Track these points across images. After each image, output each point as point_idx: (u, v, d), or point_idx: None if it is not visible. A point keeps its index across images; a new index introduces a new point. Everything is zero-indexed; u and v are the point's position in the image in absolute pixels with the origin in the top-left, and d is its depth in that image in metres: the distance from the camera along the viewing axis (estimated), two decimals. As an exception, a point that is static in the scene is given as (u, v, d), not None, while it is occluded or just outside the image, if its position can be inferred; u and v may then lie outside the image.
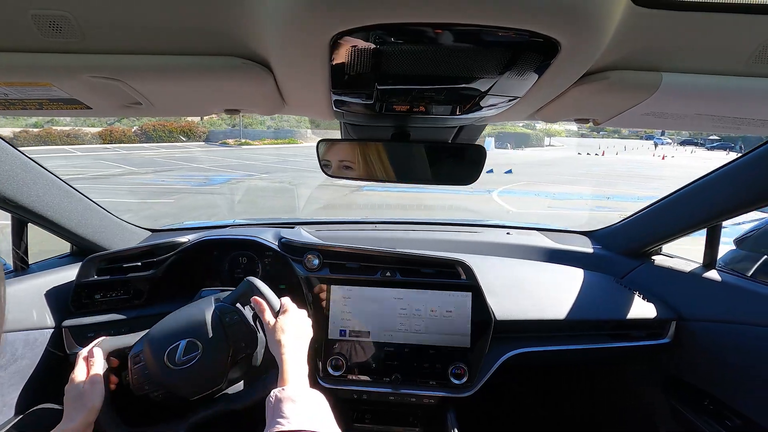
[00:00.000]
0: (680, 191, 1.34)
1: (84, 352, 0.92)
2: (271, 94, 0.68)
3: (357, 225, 1.84)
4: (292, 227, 1.58)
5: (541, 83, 0.57)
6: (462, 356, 1.22)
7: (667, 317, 1.31)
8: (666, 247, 1.53)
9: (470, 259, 1.29)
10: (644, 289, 1.41)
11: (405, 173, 1.01)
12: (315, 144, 1.00)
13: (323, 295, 1.27)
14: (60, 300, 1.23)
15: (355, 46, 0.47)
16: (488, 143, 26.34)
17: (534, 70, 0.52)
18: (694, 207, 1.30)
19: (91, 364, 0.89)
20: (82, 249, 1.40)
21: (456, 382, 1.20)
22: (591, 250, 1.64)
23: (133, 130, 24.42)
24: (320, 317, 1.26)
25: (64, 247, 1.43)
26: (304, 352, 0.87)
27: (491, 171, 13.40)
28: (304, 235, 1.47)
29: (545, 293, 1.36)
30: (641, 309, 1.33)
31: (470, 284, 1.26)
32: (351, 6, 0.40)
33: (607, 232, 1.72)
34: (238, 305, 0.95)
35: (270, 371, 0.93)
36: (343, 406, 1.30)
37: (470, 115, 0.78)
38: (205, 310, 0.92)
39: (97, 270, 1.27)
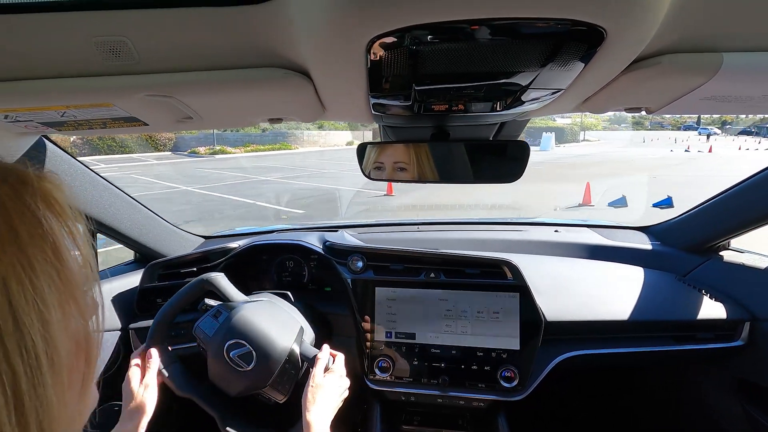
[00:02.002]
0: (751, 179, 1.23)
1: (137, 353, 0.98)
2: (311, 101, 0.70)
3: (400, 227, 1.84)
4: (336, 231, 1.61)
5: (587, 73, 0.54)
6: (511, 359, 1.19)
7: (740, 317, 1.21)
8: (734, 242, 1.41)
9: (517, 259, 1.25)
10: (711, 287, 1.31)
11: (447, 173, 1.00)
12: (315, 150, 1.01)
13: (368, 297, 1.28)
14: (126, 303, 1.33)
15: (391, 49, 0.47)
16: (547, 140, 23.39)
17: (578, 60, 0.50)
18: (768, 196, 1.19)
19: (147, 366, 0.95)
20: (144, 256, 1.51)
21: (506, 385, 1.17)
22: (649, 247, 1.54)
23: (71, 140, 17.14)
24: (366, 319, 1.27)
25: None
26: (332, 415, 0.91)
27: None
28: (348, 238, 1.49)
29: (599, 293, 1.30)
30: (708, 309, 1.23)
31: (517, 284, 1.22)
32: (386, 9, 0.40)
33: (666, 227, 1.61)
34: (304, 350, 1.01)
35: (296, 423, 0.97)
36: (391, 408, 1.31)
37: (511, 111, 0.76)
38: (282, 343, 0.98)
39: (158, 276, 1.36)
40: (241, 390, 0.98)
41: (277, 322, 1.03)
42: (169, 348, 1.04)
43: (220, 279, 1.05)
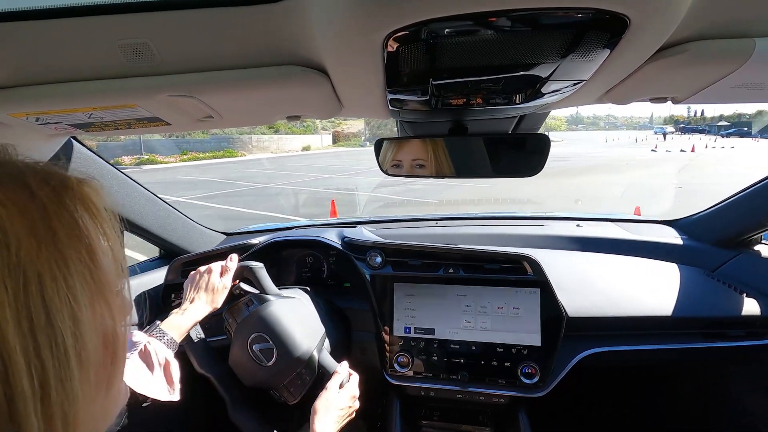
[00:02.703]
0: None
1: (228, 263, 1.04)
2: (328, 98, 0.70)
3: (418, 222, 1.84)
4: (354, 227, 1.62)
5: (609, 63, 0.52)
6: (532, 355, 1.17)
7: None
8: (768, 235, 1.35)
9: (537, 254, 1.23)
10: (742, 282, 1.26)
11: (465, 168, 0.99)
12: (265, 156, 1.02)
13: (387, 293, 1.29)
14: (153, 298, 1.37)
15: (408, 44, 0.47)
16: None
17: (601, 49, 0.48)
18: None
19: (226, 270, 1.02)
20: (168, 252, 1.55)
21: (527, 381, 1.16)
22: (675, 241, 1.49)
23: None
24: (385, 315, 1.27)
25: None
26: (335, 430, 0.92)
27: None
28: (366, 233, 1.50)
29: (623, 288, 1.27)
30: (739, 305, 1.18)
31: (538, 280, 1.20)
32: (403, 4, 0.40)
33: (693, 220, 1.56)
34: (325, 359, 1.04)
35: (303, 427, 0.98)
36: (410, 403, 1.31)
37: (531, 104, 0.75)
38: (304, 347, 1.00)
39: (182, 272, 1.40)
40: (256, 383, 1.00)
41: (303, 324, 1.05)
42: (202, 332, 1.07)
43: (260, 269, 1.06)
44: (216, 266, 1.02)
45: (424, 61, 0.53)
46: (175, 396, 0.84)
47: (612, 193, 9.94)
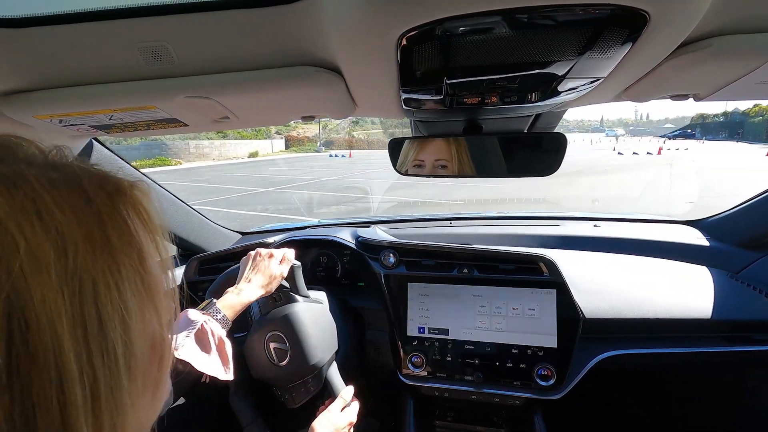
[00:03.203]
0: None
1: (288, 254, 1.05)
2: (342, 98, 0.71)
3: (432, 222, 1.83)
4: (368, 226, 1.62)
5: (628, 60, 0.51)
6: (548, 357, 1.16)
7: None
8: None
9: (553, 254, 1.21)
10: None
11: (480, 167, 0.98)
12: (203, 165, 1.01)
13: (401, 292, 1.29)
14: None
15: (421, 43, 0.47)
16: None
17: (619, 46, 0.47)
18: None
19: (284, 260, 1.02)
20: (186, 251, 1.58)
21: (543, 383, 1.14)
22: (698, 242, 1.45)
23: None
24: (399, 314, 1.27)
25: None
26: None
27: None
28: (380, 233, 1.50)
29: (642, 290, 1.24)
30: (765, 308, 1.15)
31: (554, 281, 1.19)
32: (416, 3, 0.39)
33: (716, 220, 1.51)
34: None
35: None
36: (424, 403, 1.31)
37: (546, 102, 0.74)
38: (317, 357, 1.00)
39: (199, 270, 1.42)
40: (263, 377, 1.01)
41: (322, 335, 1.04)
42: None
43: (297, 269, 1.07)
44: (278, 252, 1.02)
45: (438, 60, 0.53)
46: (230, 375, 0.84)
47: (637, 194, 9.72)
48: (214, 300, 0.89)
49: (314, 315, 1.04)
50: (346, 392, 1.00)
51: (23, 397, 0.23)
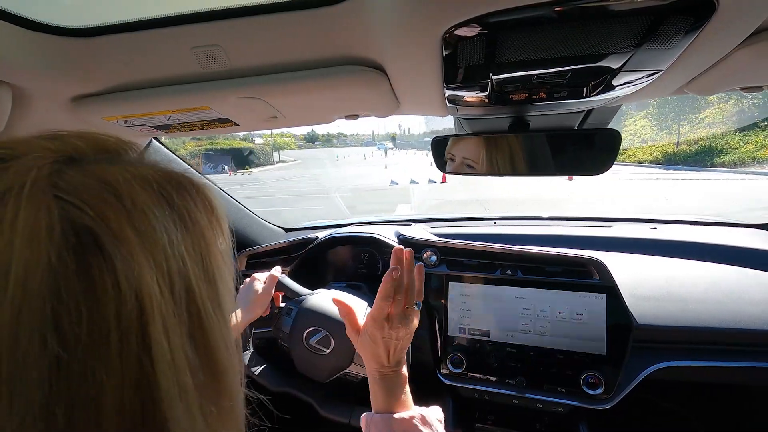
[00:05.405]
0: None
1: (270, 273, 1.09)
2: (386, 96, 0.71)
3: (475, 222, 1.80)
4: (410, 224, 1.62)
5: (692, 51, 0.47)
6: (596, 364, 1.11)
7: None
8: None
9: (605, 257, 1.15)
10: None
11: (528, 165, 0.95)
12: None
13: (441, 292, 1.27)
14: None
15: (467, 38, 0.46)
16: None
17: (682, 36, 0.44)
18: None
19: (270, 280, 1.07)
20: (236, 244, 1.65)
21: (590, 392, 1.09)
22: None
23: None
24: (439, 314, 1.26)
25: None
26: (393, 359, 0.71)
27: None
28: (422, 232, 1.49)
29: (704, 297, 1.15)
30: None
31: (604, 285, 1.13)
32: None
33: None
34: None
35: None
36: (465, 405, 1.29)
37: (599, 97, 0.70)
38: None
39: (247, 263, 1.48)
40: (328, 373, 1.04)
41: (353, 303, 1.08)
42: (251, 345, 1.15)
43: (280, 278, 1.11)
44: (261, 276, 1.08)
45: (483, 56, 0.51)
46: None
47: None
48: None
49: (325, 296, 1.09)
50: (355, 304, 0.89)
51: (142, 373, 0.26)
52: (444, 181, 13.30)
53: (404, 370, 0.71)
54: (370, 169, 23.80)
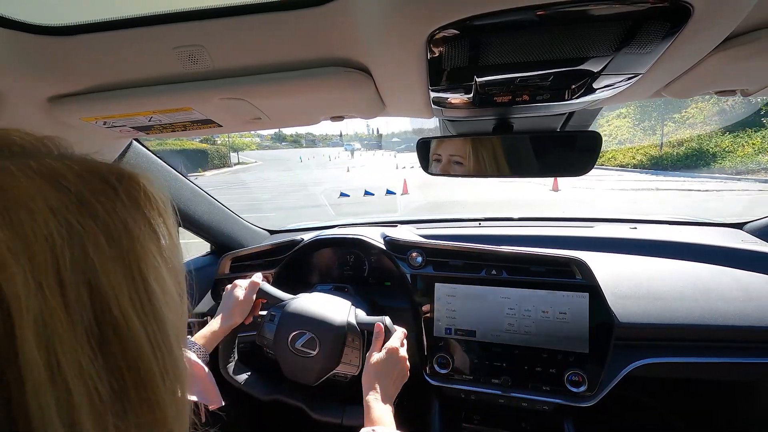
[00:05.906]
0: None
1: (251, 280, 1.09)
2: (371, 98, 0.71)
3: (460, 223, 1.81)
4: (395, 226, 1.62)
5: (669, 55, 0.49)
6: (579, 362, 1.12)
7: None
8: None
9: (587, 257, 1.18)
10: None
11: (511, 167, 0.96)
12: None
13: (428, 293, 1.28)
14: (205, 292, 1.45)
15: (451, 41, 0.46)
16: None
17: (659, 41, 0.45)
18: None
19: (251, 287, 1.07)
20: (220, 248, 1.63)
21: (574, 390, 1.11)
22: (747, 246, 1.37)
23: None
24: (425, 315, 1.27)
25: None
26: (394, 393, 0.88)
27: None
28: (408, 233, 1.49)
29: (680, 295, 1.18)
30: None
31: (587, 284, 1.15)
32: (446, 1, 0.39)
33: (766, 223, 1.42)
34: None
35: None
36: (451, 405, 1.29)
37: (580, 100, 0.72)
38: (338, 319, 1.04)
39: (231, 267, 1.46)
40: (317, 375, 1.03)
41: (328, 305, 1.08)
42: (235, 355, 1.13)
43: (261, 284, 1.11)
44: (242, 282, 1.08)
45: (468, 58, 0.52)
46: (219, 402, 0.89)
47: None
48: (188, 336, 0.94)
49: (308, 299, 1.10)
50: (384, 324, 1.00)
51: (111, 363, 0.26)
52: (405, 192, 11.95)
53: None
54: (333, 171, 22.38)
